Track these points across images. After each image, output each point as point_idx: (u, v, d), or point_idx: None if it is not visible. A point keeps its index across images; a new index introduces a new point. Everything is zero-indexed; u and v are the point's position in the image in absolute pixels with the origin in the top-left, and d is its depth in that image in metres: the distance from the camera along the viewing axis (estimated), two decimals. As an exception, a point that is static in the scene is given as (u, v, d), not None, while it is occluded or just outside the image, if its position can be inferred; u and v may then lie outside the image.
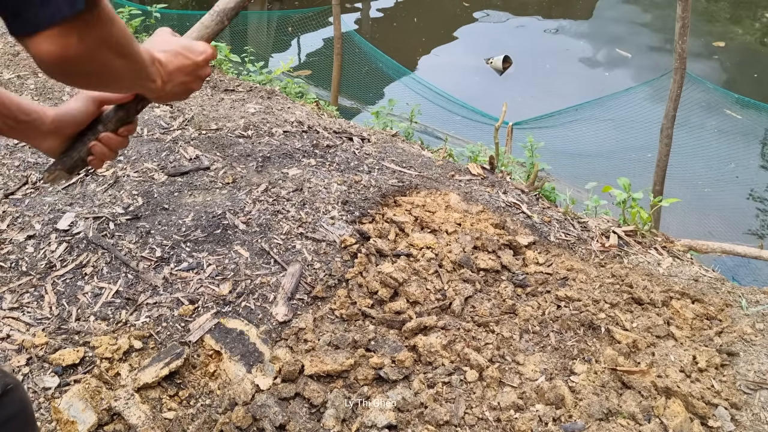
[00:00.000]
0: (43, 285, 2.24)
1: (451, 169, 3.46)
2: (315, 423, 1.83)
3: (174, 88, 1.12)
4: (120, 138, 1.18)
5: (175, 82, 1.12)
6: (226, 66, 5.42)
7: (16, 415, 1.17)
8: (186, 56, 1.13)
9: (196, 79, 1.16)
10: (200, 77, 1.17)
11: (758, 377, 2.15)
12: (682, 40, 5.30)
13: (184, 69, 1.13)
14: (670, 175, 5.87)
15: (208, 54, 1.17)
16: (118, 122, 1.17)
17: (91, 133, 1.16)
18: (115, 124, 1.17)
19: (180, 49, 1.13)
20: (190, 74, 1.15)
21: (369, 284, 2.37)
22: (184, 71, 1.13)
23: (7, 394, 1.15)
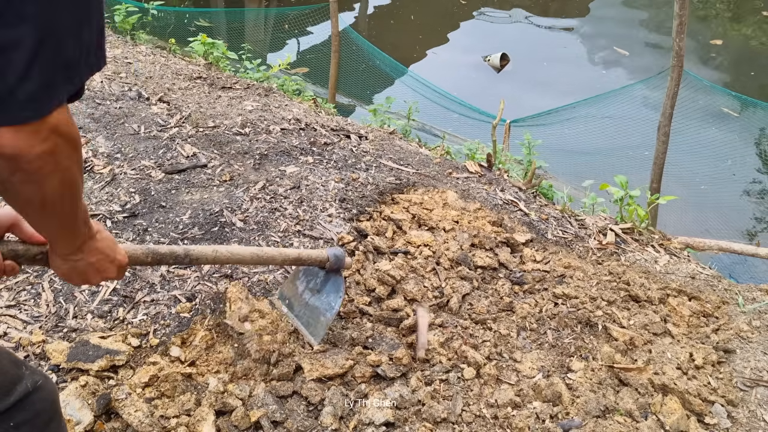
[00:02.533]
0: (41, 283, 2.23)
1: (449, 166, 3.46)
2: (313, 420, 1.83)
3: (83, 262, 1.11)
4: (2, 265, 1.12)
5: (88, 259, 1.12)
6: (224, 63, 5.41)
7: (43, 411, 1.20)
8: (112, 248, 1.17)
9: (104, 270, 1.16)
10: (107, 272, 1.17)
11: (755, 374, 2.15)
12: (680, 37, 5.31)
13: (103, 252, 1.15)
14: (667, 172, 5.88)
15: (123, 262, 1.22)
16: (11, 252, 1.12)
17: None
18: (7, 251, 1.12)
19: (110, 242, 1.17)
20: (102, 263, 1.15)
21: (367, 282, 2.37)
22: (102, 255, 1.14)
23: (36, 391, 1.18)
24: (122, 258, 1.22)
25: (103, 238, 1.14)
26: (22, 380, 1.17)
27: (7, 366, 1.15)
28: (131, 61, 4.64)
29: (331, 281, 1.95)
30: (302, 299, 2.02)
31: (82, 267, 1.12)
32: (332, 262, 1.87)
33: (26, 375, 1.19)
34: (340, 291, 1.92)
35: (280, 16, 11.12)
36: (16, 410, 1.14)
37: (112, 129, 3.30)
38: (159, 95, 3.90)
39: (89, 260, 1.12)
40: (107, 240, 1.16)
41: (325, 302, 1.94)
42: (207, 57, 5.36)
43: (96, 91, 3.82)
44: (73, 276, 1.14)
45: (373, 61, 8.72)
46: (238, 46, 6.71)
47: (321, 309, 1.95)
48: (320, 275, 1.98)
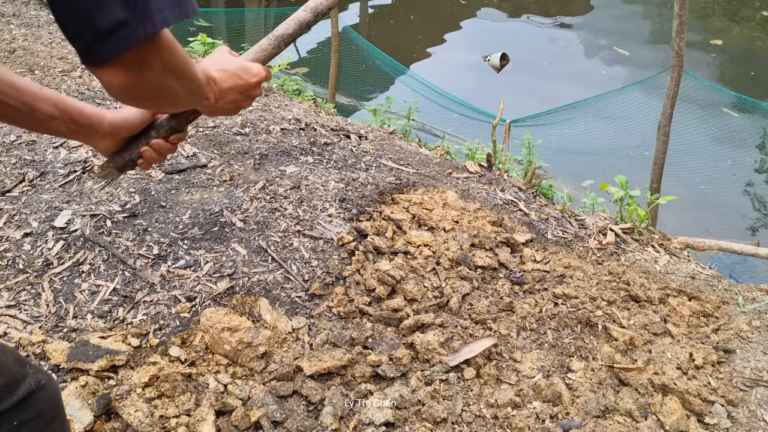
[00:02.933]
0: (40, 283, 2.23)
1: (449, 166, 3.46)
2: (313, 420, 1.83)
3: (226, 105, 1.21)
4: (170, 145, 1.26)
5: (228, 99, 1.20)
6: (224, 63, 5.40)
7: (46, 410, 1.21)
8: (241, 77, 1.23)
9: (247, 98, 1.25)
10: (251, 97, 1.26)
11: (755, 374, 2.15)
12: (680, 38, 5.31)
13: (237, 89, 1.22)
14: (667, 172, 5.88)
15: (261, 76, 1.27)
16: (170, 130, 1.26)
17: (144, 138, 1.25)
18: (167, 132, 1.26)
19: (236, 70, 1.23)
20: (243, 93, 1.24)
21: (366, 282, 2.37)
22: (237, 90, 1.22)
23: (40, 390, 1.19)
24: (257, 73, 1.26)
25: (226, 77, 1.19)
26: (26, 379, 1.17)
27: (11, 364, 1.16)
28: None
29: None
30: None
31: (228, 106, 1.22)
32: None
33: (30, 374, 1.19)
34: None
35: (280, 16, 11.12)
36: (19, 409, 1.15)
37: (112, 129, 3.29)
38: (159, 95, 3.89)
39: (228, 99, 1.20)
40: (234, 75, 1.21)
41: None
42: (207, 57, 5.36)
43: (96, 91, 3.82)
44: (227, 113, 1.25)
45: (373, 61, 8.72)
46: (238, 46, 6.71)
47: None
48: None
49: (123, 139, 1.25)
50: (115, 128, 1.21)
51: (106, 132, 1.21)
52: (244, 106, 1.25)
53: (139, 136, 1.25)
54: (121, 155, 1.26)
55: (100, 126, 1.19)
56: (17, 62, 4.14)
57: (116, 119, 1.21)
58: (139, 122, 1.24)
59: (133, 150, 1.25)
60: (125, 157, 1.26)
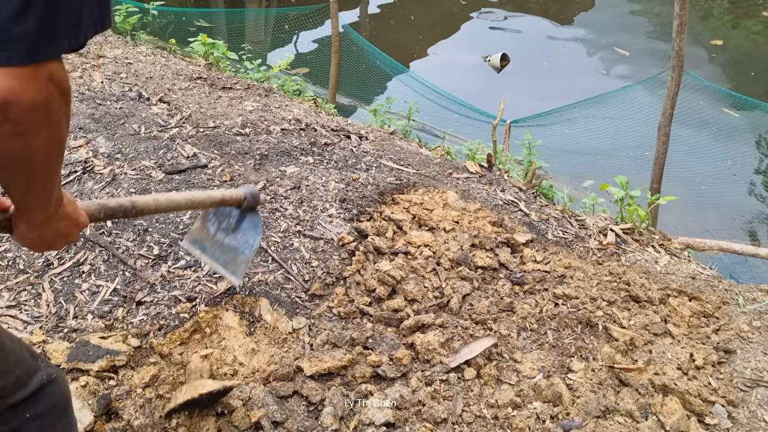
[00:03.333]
0: (41, 283, 2.23)
1: (449, 167, 3.45)
2: (313, 420, 1.83)
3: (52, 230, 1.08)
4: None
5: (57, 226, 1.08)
6: (224, 64, 5.41)
7: (57, 404, 1.21)
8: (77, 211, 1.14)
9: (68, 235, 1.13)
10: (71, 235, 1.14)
11: (755, 375, 2.15)
12: (680, 38, 5.31)
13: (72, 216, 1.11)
14: (667, 173, 5.88)
15: (85, 223, 1.18)
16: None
17: None
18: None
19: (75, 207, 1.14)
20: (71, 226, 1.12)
21: (367, 282, 2.37)
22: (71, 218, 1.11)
23: (51, 383, 1.20)
24: (84, 220, 1.17)
25: (68, 201, 1.10)
26: (39, 372, 1.18)
27: (25, 357, 1.16)
28: (132, 62, 4.64)
29: (247, 219, 1.94)
30: (215, 240, 1.99)
31: (50, 234, 1.08)
32: (249, 199, 1.88)
33: (42, 367, 1.20)
34: (258, 228, 1.92)
35: (281, 16, 11.13)
36: (32, 402, 1.16)
37: (112, 129, 3.30)
38: (159, 95, 3.90)
39: (57, 226, 1.08)
40: (72, 203, 1.13)
41: (242, 240, 1.93)
42: (207, 57, 5.37)
43: (96, 91, 3.83)
44: (40, 244, 1.10)
45: (374, 62, 8.72)
46: (238, 46, 6.71)
47: (239, 248, 1.94)
48: (233, 215, 1.96)
49: None
50: None
51: None
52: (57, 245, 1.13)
53: None
54: None
55: None
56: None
57: None
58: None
59: None
60: None
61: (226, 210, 1.97)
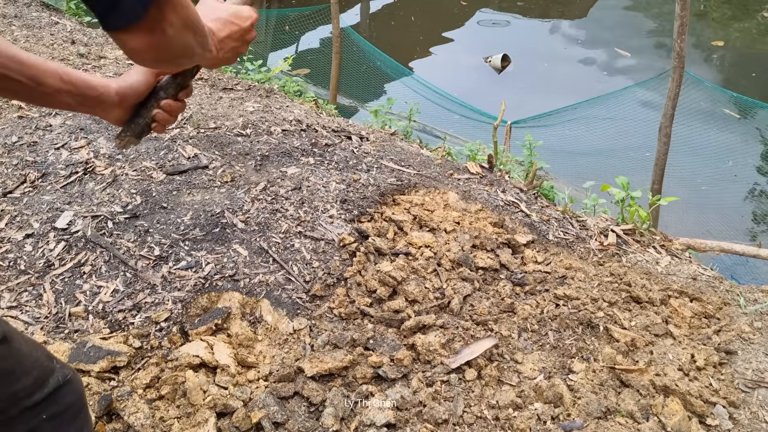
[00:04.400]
0: (42, 284, 2.23)
1: (450, 167, 3.46)
2: (314, 421, 1.83)
3: (226, 54, 1.20)
4: (179, 103, 1.26)
5: (227, 48, 1.19)
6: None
7: (73, 404, 1.22)
8: (234, 23, 1.20)
9: (244, 43, 1.23)
10: (247, 41, 1.24)
11: (756, 376, 2.15)
12: (681, 39, 5.31)
13: (233, 36, 1.20)
14: (668, 173, 5.88)
15: (253, 18, 1.25)
16: (177, 88, 1.26)
17: (153, 101, 1.25)
18: (174, 90, 1.26)
19: (228, 16, 1.20)
20: (239, 39, 1.22)
21: (368, 283, 2.37)
22: (234, 37, 1.20)
23: (67, 384, 1.20)
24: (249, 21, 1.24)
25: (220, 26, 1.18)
26: (54, 373, 1.19)
27: (42, 358, 1.17)
28: (133, 63, 4.64)
29: None
30: None
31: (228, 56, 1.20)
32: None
33: (57, 368, 1.21)
34: None
35: (281, 17, 11.13)
36: (48, 402, 1.16)
37: (113, 130, 3.30)
38: (160, 96, 3.90)
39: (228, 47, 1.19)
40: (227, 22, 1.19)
41: None
42: (208, 58, 5.36)
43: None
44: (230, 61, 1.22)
45: (374, 63, 8.73)
46: (239, 47, 6.70)
47: None
48: None
49: (131, 106, 1.24)
50: (122, 97, 1.21)
51: (114, 102, 1.20)
52: (241, 52, 1.25)
53: (148, 101, 1.26)
54: (136, 122, 1.26)
55: (108, 96, 1.19)
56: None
57: (122, 87, 1.21)
58: (144, 87, 1.24)
59: (145, 115, 1.25)
60: (140, 123, 1.26)
61: None
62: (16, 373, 1.10)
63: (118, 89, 1.21)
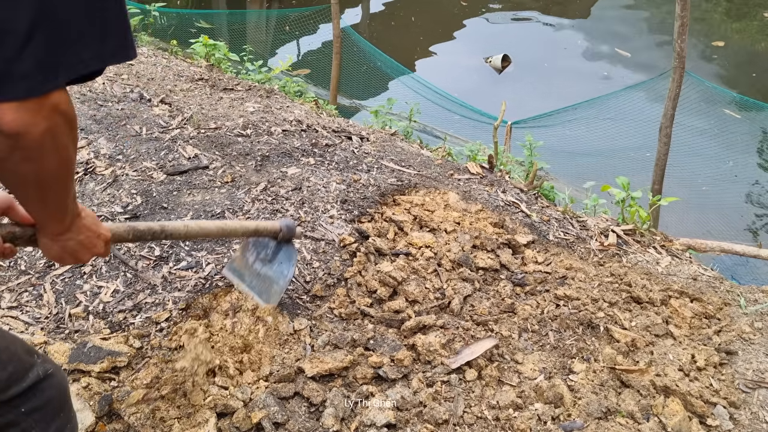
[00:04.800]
0: (42, 284, 2.23)
1: (450, 168, 3.46)
2: (314, 422, 1.83)
3: (73, 241, 1.14)
4: (2, 247, 1.16)
5: (77, 237, 1.14)
6: (225, 65, 5.42)
7: (54, 399, 1.22)
8: (97, 223, 1.20)
9: (91, 248, 1.18)
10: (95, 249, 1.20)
11: (757, 376, 2.15)
12: (681, 39, 5.31)
13: (92, 228, 1.17)
14: (668, 174, 5.87)
15: (107, 237, 1.24)
16: (9, 234, 1.16)
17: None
18: (5, 233, 1.16)
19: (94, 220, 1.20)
20: (90, 240, 1.18)
21: (368, 283, 2.37)
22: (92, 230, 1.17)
23: (47, 378, 1.21)
24: (106, 233, 1.24)
25: (87, 215, 1.17)
26: (35, 367, 1.19)
27: (20, 353, 1.18)
28: (133, 63, 4.64)
29: (283, 251, 2.00)
30: (253, 269, 2.06)
31: (72, 246, 1.14)
32: (284, 232, 1.93)
33: (38, 363, 1.21)
34: (293, 259, 1.98)
35: (282, 17, 11.14)
36: (28, 396, 1.16)
37: (113, 130, 3.30)
38: (161, 97, 3.90)
39: (78, 238, 1.14)
40: (91, 216, 1.19)
41: (278, 271, 1.99)
42: (209, 59, 5.37)
43: (98, 92, 3.83)
44: (65, 256, 1.16)
45: (375, 63, 8.73)
46: (239, 47, 6.72)
47: (274, 277, 2.00)
48: (271, 246, 2.02)
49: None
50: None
51: None
52: (83, 257, 1.18)
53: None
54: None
55: None
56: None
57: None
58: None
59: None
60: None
61: (264, 241, 2.03)
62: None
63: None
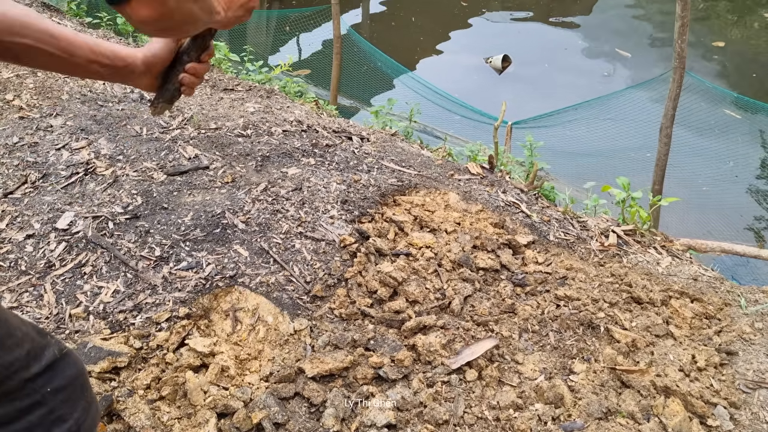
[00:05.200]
0: (42, 284, 2.24)
1: (451, 168, 3.45)
2: (314, 422, 1.83)
3: (236, 12, 1.25)
4: (203, 64, 1.33)
5: (236, 6, 1.24)
6: (226, 65, 5.42)
7: (76, 378, 1.23)
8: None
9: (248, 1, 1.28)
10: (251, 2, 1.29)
11: (757, 376, 2.15)
12: (682, 39, 5.31)
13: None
14: (669, 174, 5.88)
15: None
16: (198, 51, 1.33)
17: (179, 66, 1.33)
18: (196, 53, 1.33)
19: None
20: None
21: (368, 283, 2.37)
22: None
23: (64, 357, 1.21)
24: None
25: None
26: (49, 347, 1.20)
27: (33, 334, 1.18)
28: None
29: None
30: None
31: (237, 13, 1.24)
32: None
33: (52, 343, 1.21)
34: None
35: (282, 18, 11.14)
36: (49, 375, 1.16)
37: (114, 131, 3.30)
38: (161, 97, 3.90)
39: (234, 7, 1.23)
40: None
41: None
42: (209, 59, 5.37)
43: (98, 92, 3.83)
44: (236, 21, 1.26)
45: (375, 63, 8.73)
46: (240, 48, 6.72)
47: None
48: None
49: (158, 72, 1.32)
50: (149, 65, 1.29)
51: (142, 71, 1.28)
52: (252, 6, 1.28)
53: (173, 66, 1.33)
54: (166, 88, 1.34)
55: (136, 66, 1.27)
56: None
57: (148, 56, 1.29)
58: (167, 53, 1.31)
59: (173, 80, 1.33)
60: (170, 89, 1.34)
61: None
62: (7, 343, 1.10)
63: (144, 58, 1.28)
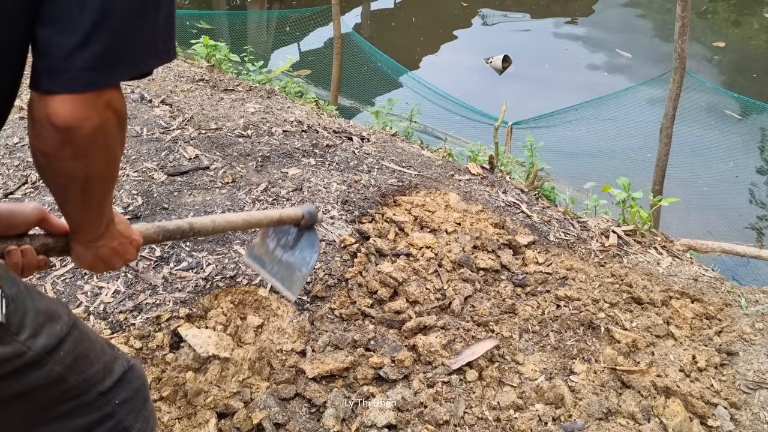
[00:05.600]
0: (43, 284, 2.24)
1: (451, 168, 3.45)
2: (315, 422, 1.83)
3: (106, 248, 1.12)
4: (36, 260, 1.11)
5: (111, 244, 1.13)
6: (226, 66, 5.42)
7: (140, 389, 1.23)
8: (129, 229, 1.19)
9: (124, 253, 1.17)
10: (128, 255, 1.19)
11: (757, 377, 2.15)
12: (682, 39, 5.30)
13: (125, 234, 1.16)
14: (669, 174, 5.87)
15: (140, 242, 1.22)
16: (43, 246, 1.15)
17: (16, 240, 1.12)
18: (39, 245, 1.14)
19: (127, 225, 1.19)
20: (125, 244, 1.17)
21: (368, 284, 2.37)
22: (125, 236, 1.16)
23: (131, 369, 1.21)
24: (138, 238, 1.22)
25: (120, 221, 1.16)
26: (118, 359, 1.20)
27: (105, 346, 1.18)
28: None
29: (305, 237, 1.97)
30: (275, 256, 2.04)
31: (106, 252, 1.13)
32: (307, 218, 1.92)
33: (120, 355, 1.22)
34: (315, 246, 1.95)
35: (282, 18, 11.14)
36: (119, 388, 1.17)
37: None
38: (162, 97, 3.91)
39: (112, 245, 1.13)
40: (124, 222, 1.18)
41: (300, 258, 1.97)
42: (209, 59, 5.38)
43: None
44: (97, 263, 1.14)
45: (375, 63, 8.73)
46: (240, 48, 6.72)
47: (296, 264, 1.97)
48: (292, 232, 2.01)
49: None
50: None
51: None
52: (115, 264, 1.16)
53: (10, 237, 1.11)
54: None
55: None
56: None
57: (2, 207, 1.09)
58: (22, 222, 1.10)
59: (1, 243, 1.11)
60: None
61: (284, 228, 2.01)
62: (89, 357, 1.10)
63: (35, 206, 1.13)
